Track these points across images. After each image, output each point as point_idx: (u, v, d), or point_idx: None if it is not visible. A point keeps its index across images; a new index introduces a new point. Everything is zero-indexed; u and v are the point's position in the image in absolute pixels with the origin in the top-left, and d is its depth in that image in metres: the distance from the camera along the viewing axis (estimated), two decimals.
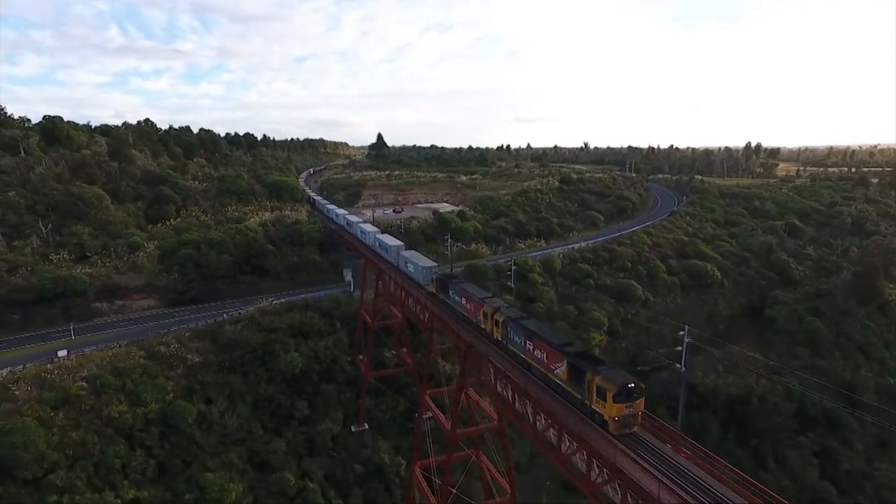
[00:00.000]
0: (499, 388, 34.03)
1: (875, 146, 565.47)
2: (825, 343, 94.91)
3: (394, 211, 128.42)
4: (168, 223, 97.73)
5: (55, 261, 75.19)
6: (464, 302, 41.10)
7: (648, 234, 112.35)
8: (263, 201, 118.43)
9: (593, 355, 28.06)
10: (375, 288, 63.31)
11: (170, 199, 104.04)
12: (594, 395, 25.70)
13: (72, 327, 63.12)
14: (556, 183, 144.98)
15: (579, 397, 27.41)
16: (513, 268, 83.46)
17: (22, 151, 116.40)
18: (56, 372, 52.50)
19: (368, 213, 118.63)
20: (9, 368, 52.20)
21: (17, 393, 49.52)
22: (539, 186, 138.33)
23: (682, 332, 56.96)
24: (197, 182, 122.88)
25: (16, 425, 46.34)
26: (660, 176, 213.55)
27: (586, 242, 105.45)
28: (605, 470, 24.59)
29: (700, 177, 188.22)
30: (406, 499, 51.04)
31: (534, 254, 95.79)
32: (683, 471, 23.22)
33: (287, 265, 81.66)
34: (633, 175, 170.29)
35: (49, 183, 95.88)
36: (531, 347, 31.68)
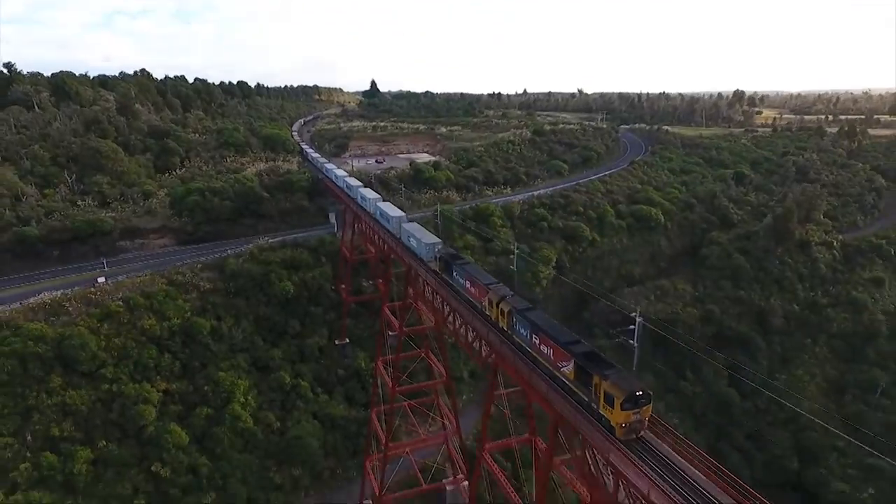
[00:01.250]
0: (435, 303, 45.33)
1: (866, 91, 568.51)
2: (746, 277, 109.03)
3: (376, 161, 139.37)
4: (174, 173, 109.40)
5: (82, 206, 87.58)
6: (468, 285, 38.89)
7: (604, 182, 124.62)
8: (258, 152, 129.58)
9: (601, 356, 26.95)
10: (353, 229, 76.10)
11: (174, 152, 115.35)
12: (601, 399, 25.03)
13: (104, 261, 76.29)
14: (529, 134, 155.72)
15: (586, 399, 26.75)
16: (439, 218, 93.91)
17: (35, 106, 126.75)
18: (98, 294, 66.01)
19: (354, 163, 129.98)
20: (61, 291, 65.64)
21: (70, 309, 63.15)
22: (511, 138, 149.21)
23: (635, 314, 59.88)
24: (197, 135, 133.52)
25: (73, 332, 60.17)
26: (636, 126, 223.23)
27: (546, 190, 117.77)
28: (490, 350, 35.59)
29: (667, 128, 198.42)
30: (372, 385, 65.08)
31: (496, 200, 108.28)
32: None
33: (280, 210, 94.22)
34: (604, 126, 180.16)
35: (67, 137, 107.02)
36: (537, 342, 30.45)
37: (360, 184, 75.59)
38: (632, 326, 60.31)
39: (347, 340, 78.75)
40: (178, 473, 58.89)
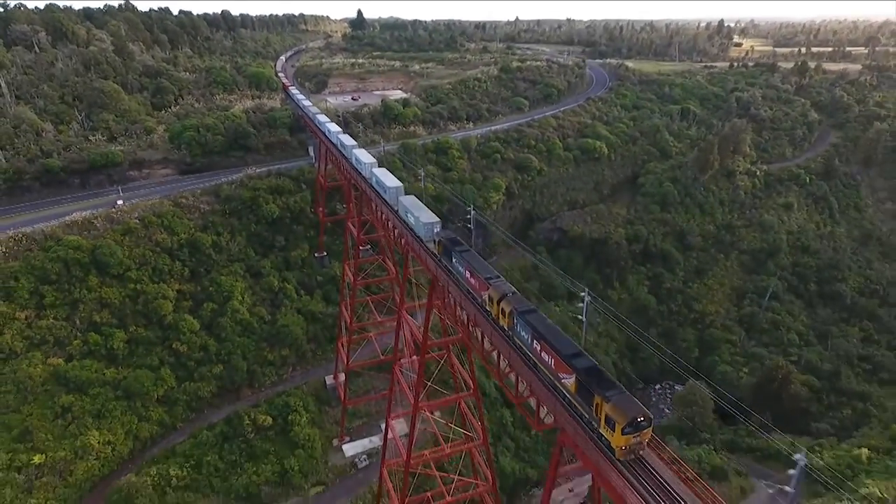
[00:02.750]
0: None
1: (855, 21, 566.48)
2: (673, 202, 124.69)
3: (352, 99, 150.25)
4: (170, 110, 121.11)
5: (93, 141, 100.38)
6: (468, 276, 37.16)
7: (557, 118, 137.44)
8: (245, 90, 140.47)
9: (603, 372, 26.23)
10: (326, 160, 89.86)
11: (168, 90, 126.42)
12: (602, 420, 24.68)
13: (118, 188, 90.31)
14: (496, 72, 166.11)
15: (587, 416, 26.32)
16: (401, 156, 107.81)
17: (35, 46, 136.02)
18: (118, 213, 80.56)
19: (332, 100, 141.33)
20: (89, 211, 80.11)
21: (97, 225, 77.88)
22: (479, 76, 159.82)
23: (584, 294, 64.35)
24: (187, 73, 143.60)
25: (103, 244, 75.24)
26: (606, 61, 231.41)
27: (504, 125, 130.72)
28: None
29: (628, 63, 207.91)
30: (341, 282, 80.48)
31: (457, 135, 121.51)
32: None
33: (265, 143, 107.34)
34: (569, 63, 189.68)
35: (71, 78, 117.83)
36: (538, 348, 29.50)
37: (353, 143, 70.98)
38: (580, 306, 74.30)
39: (325, 253, 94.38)
40: (192, 350, 75.89)
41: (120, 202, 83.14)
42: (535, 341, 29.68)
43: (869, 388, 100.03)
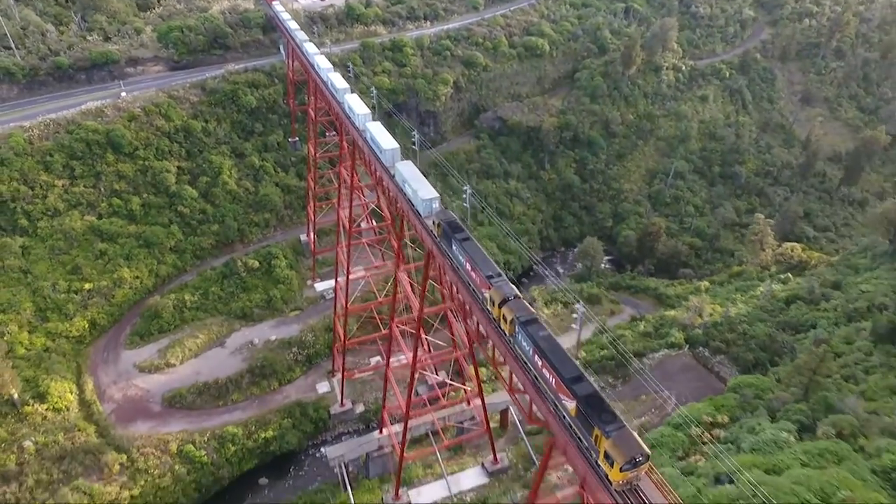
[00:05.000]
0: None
1: None
2: (602, 94, 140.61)
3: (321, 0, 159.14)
4: (154, 11, 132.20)
5: (91, 41, 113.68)
6: (468, 267, 35.70)
7: (505, 17, 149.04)
8: None
9: (604, 402, 25.46)
10: (293, 58, 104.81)
11: None
12: (601, 453, 23.97)
13: (120, 83, 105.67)
14: None
15: (585, 444, 25.80)
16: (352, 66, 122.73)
17: None
18: (123, 103, 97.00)
19: (302, 1, 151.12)
20: (99, 101, 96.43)
21: (108, 113, 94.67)
22: None
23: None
24: None
25: (114, 128, 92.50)
26: None
27: (456, 24, 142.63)
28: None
29: None
30: (307, 159, 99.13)
31: (412, 33, 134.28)
32: None
33: (241, 42, 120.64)
34: None
35: None
36: (539, 363, 28.71)
37: (346, 87, 67.57)
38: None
39: (297, 138, 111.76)
40: (193, 213, 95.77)
41: (124, 94, 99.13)
42: (536, 356, 28.71)
43: (740, 246, 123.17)
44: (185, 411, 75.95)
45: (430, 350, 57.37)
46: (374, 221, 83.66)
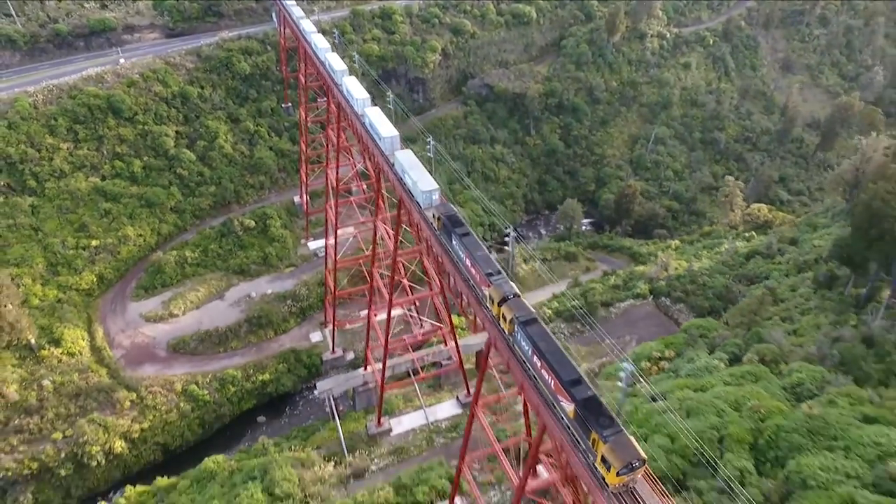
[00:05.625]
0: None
1: None
2: (587, 61, 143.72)
3: None
4: None
5: (88, 8, 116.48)
6: (468, 263, 35.67)
7: None
8: None
9: (602, 406, 25.57)
10: (286, 26, 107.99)
11: None
12: (599, 457, 24.42)
13: (118, 49, 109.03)
14: None
15: (583, 447, 25.95)
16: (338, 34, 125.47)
17: None
18: (122, 69, 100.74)
19: None
20: (99, 67, 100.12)
21: (108, 79, 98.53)
22: None
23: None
24: None
25: (115, 93, 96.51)
26: None
27: None
28: None
29: None
30: (299, 124, 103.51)
31: (401, 2, 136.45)
32: None
33: (235, 10, 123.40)
34: None
35: None
36: (538, 364, 28.76)
37: (344, 70, 65.83)
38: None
39: (290, 104, 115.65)
40: (192, 175, 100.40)
41: (122, 60, 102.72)
42: (535, 357, 28.89)
43: (716, 209, 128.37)
44: (188, 356, 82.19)
45: (410, 292, 62.86)
46: (363, 183, 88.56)
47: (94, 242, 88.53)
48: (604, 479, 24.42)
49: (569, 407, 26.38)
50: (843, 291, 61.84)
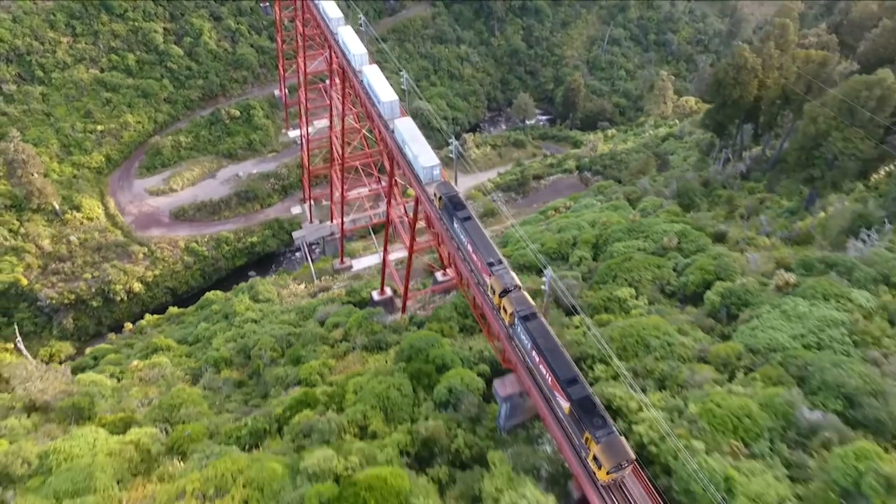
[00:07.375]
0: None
1: None
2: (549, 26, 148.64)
3: None
4: None
5: None
6: (469, 249, 35.09)
7: None
8: None
9: (596, 406, 26.21)
10: None
11: None
12: (591, 454, 25.57)
13: None
14: None
15: (577, 443, 27.05)
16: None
17: None
18: None
19: None
20: None
21: None
22: None
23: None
24: None
25: None
26: None
27: None
28: None
29: None
30: (275, 22, 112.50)
31: None
32: None
33: None
34: None
35: None
36: (536, 360, 29.16)
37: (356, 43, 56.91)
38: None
39: (267, 3, 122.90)
40: (181, 69, 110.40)
41: None
42: (533, 352, 29.37)
43: (652, 103, 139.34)
44: (188, 222, 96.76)
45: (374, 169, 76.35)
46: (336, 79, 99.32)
47: (99, 127, 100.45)
48: (595, 474, 25.87)
49: (565, 404, 27.29)
50: (712, 154, 75.57)
